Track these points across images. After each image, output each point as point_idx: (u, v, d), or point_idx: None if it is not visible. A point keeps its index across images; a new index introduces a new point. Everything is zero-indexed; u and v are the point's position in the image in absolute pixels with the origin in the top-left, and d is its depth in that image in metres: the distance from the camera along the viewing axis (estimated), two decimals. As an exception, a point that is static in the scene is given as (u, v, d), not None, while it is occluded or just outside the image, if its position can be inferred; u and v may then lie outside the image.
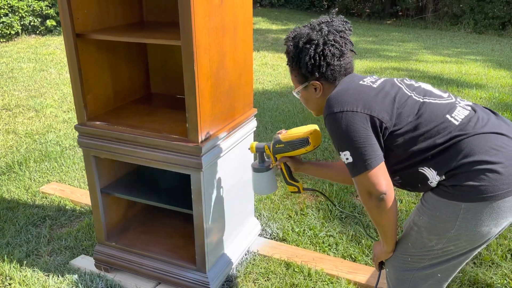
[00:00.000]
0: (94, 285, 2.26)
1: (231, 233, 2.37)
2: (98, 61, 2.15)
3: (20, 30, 8.28)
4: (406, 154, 1.43)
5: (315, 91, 1.62)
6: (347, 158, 1.43)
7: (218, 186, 2.11)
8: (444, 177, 1.39)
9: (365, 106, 1.42)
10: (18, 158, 3.72)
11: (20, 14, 8.17)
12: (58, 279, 2.31)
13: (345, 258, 2.53)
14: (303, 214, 2.94)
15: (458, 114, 1.43)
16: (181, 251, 2.28)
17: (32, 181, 3.39)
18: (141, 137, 1.99)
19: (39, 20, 8.56)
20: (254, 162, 2.01)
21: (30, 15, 8.36)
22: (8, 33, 8.05)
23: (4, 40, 8.07)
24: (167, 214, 2.58)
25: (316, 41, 1.55)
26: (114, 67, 2.27)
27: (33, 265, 2.44)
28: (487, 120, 1.42)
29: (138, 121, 2.14)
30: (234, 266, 2.40)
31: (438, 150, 1.38)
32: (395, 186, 1.52)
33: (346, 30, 1.60)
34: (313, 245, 2.65)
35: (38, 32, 8.66)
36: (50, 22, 8.65)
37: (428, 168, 1.41)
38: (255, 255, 2.53)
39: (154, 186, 2.34)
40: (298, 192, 1.94)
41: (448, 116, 1.42)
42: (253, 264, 2.46)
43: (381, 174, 1.40)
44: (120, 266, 2.32)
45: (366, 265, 2.46)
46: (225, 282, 2.32)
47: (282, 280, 2.34)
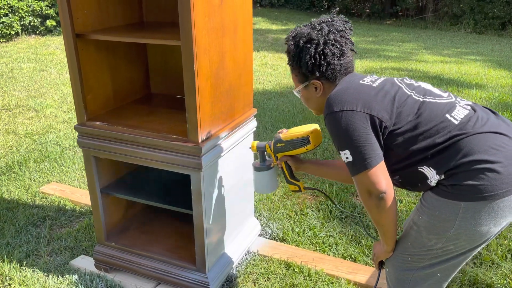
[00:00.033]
0: (94, 285, 2.26)
1: (231, 233, 2.37)
2: (98, 61, 2.15)
3: (20, 30, 8.29)
4: (406, 153, 1.43)
5: (316, 90, 1.63)
6: (347, 157, 1.43)
7: (218, 186, 2.11)
8: (443, 176, 1.39)
9: (365, 105, 1.42)
10: (18, 158, 3.72)
11: (20, 14, 8.17)
12: (58, 280, 2.31)
13: (345, 258, 2.53)
14: (303, 214, 2.94)
15: (458, 114, 1.43)
16: (181, 251, 2.28)
17: (32, 181, 3.39)
18: (141, 137, 1.99)
19: (39, 20, 8.57)
20: (255, 161, 2.01)
21: (30, 15, 8.36)
22: (8, 33, 8.06)
23: (4, 40, 8.07)
24: (167, 214, 2.58)
25: (316, 40, 1.55)
26: (114, 67, 2.27)
27: (33, 265, 2.44)
28: (487, 119, 1.42)
29: (138, 121, 2.14)
30: (234, 266, 2.40)
31: (438, 149, 1.39)
32: (395, 186, 1.53)
33: (347, 29, 1.60)
34: (313, 245, 2.65)
35: (38, 32, 8.67)
36: (50, 22, 8.66)
37: (427, 167, 1.41)
38: (255, 255, 2.53)
39: (154, 186, 2.34)
40: (299, 191, 1.94)
41: (447, 115, 1.42)
42: (253, 264, 2.46)
43: (380, 173, 1.40)
44: (120, 266, 2.32)
45: (366, 265, 2.46)
46: (225, 282, 2.32)
47: (282, 280, 2.34)
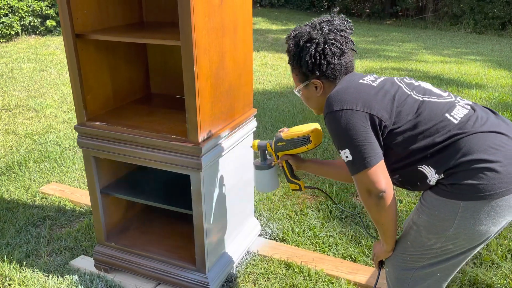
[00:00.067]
0: (94, 285, 2.26)
1: (231, 233, 2.37)
2: (98, 61, 2.15)
3: (20, 31, 8.29)
4: (405, 152, 1.43)
5: (316, 90, 1.63)
6: (347, 157, 1.43)
7: (218, 187, 2.11)
8: (443, 175, 1.39)
9: (364, 104, 1.42)
10: (18, 159, 3.72)
11: (20, 15, 8.17)
12: (57, 280, 2.31)
13: (345, 259, 2.53)
14: (303, 215, 2.94)
15: (458, 113, 1.43)
16: (180, 252, 2.28)
17: (32, 181, 3.39)
18: (140, 137, 1.99)
19: (39, 20, 8.57)
20: (256, 160, 2.01)
21: (30, 16, 8.37)
22: (8, 33, 8.06)
23: (4, 40, 8.08)
24: (167, 214, 2.58)
25: (316, 40, 1.55)
26: (114, 68, 2.27)
27: (32, 265, 2.44)
28: (486, 119, 1.42)
29: (138, 121, 2.14)
30: (234, 267, 2.40)
31: (437, 148, 1.39)
32: (395, 185, 1.53)
33: (347, 29, 1.60)
34: (313, 245, 2.65)
35: (38, 32, 8.67)
36: (50, 23, 8.66)
37: (427, 166, 1.41)
38: (255, 256, 2.53)
39: (154, 186, 2.34)
40: (300, 190, 1.94)
41: (447, 114, 1.42)
42: (253, 264, 2.46)
43: (380, 172, 1.40)
44: (119, 266, 2.32)
45: (366, 265, 2.46)
46: (225, 282, 2.31)
47: (282, 280, 2.34)
